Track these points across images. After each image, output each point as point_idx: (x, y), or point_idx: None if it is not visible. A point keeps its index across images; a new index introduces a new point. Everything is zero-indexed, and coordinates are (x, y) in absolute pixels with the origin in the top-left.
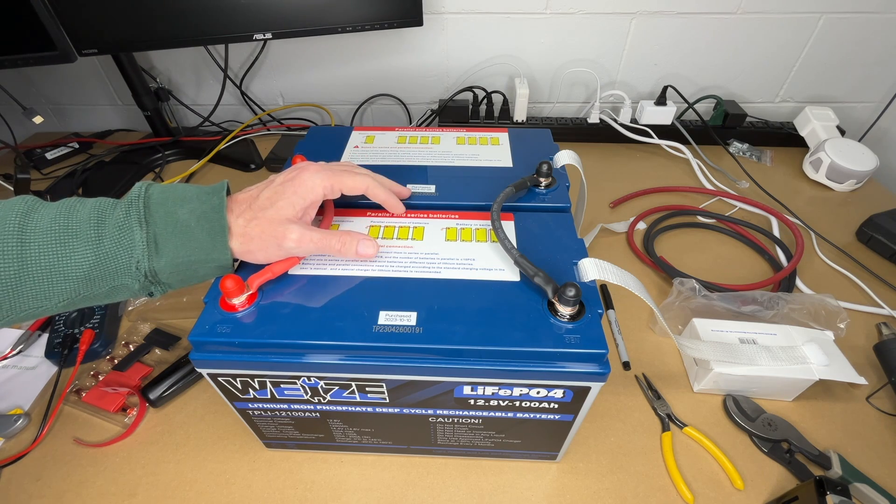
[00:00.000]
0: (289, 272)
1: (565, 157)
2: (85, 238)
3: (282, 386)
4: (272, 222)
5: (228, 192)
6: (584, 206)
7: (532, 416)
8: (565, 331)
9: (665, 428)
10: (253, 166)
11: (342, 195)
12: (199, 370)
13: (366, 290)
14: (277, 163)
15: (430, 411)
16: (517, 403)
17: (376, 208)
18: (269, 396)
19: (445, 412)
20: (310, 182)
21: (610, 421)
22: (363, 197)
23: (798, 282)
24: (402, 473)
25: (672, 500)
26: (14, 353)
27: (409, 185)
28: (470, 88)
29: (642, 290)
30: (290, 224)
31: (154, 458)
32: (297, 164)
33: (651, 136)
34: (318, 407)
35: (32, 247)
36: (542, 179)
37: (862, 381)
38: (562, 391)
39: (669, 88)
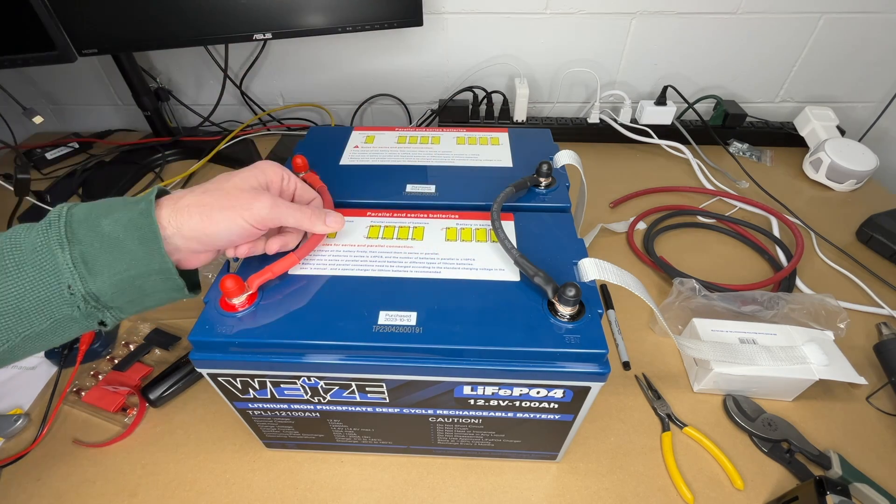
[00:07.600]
0: (289, 272)
1: (565, 157)
2: (2, 269)
3: (282, 386)
4: (237, 188)
5: (161, 196)
6: (584, 206)
7: (532, 416)
8: (565, 331)
9: (665, 428)
10: None
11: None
12: (199, 370)
13: (366, 290)
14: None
15: (430, 411)
16: (517, 403)
17: (376, 208)
18: (269, 396)
19: (445, 412)
20: (268, 167)
21: (610, 421)
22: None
23: (798, 282)
24: (402, 473)
25: (672, 500)
26: None
27: (409, 185)
28: (470, 88)
29: (642, 290)
30: (259, 191)
31: (154, 458)
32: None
33: (651, 136)
34: (318, 407)
35: None
36: (542, 179)
37: (862, 381)
38: (562, 391)
39: (669, 88)
